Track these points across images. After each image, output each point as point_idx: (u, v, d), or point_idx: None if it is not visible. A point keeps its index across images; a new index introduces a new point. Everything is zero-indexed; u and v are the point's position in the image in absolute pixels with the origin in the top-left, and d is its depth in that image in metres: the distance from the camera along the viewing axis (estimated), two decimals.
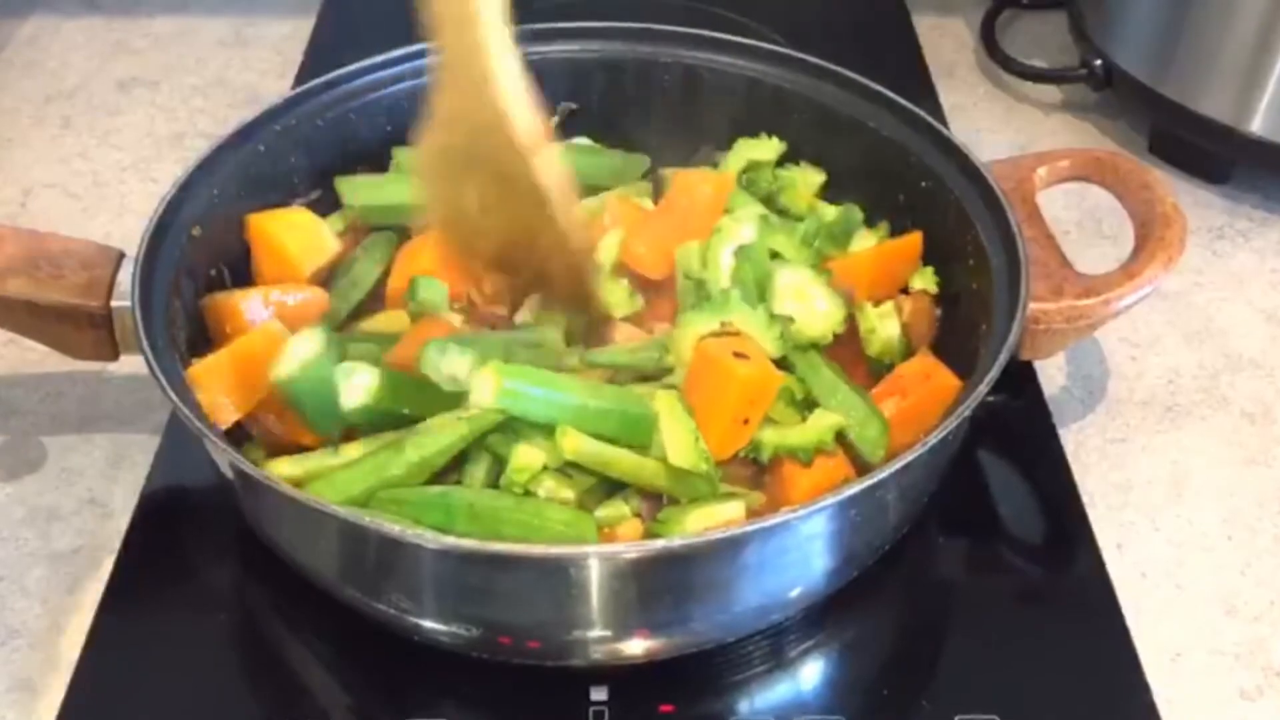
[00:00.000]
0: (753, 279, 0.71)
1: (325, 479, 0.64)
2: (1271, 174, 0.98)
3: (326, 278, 0.78)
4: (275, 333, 0.69)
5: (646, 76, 0.86)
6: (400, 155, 0.83)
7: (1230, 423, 0.81)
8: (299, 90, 0.81)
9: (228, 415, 0.67)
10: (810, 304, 0.71)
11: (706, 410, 0.64)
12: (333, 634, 0.69)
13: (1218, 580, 0.72)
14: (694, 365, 0.66)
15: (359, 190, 0.80)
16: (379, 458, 0.65)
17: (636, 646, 0.64)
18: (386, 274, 0.78)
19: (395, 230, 0.80)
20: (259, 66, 1.12)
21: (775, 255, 0.74)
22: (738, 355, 0.64)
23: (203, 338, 0.73)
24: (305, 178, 0.81)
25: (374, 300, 0.77)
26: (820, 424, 0.65)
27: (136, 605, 0.69)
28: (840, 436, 0.66)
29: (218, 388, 0.67)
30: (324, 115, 0.81)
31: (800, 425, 0.66)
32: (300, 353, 0.65)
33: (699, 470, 0.63)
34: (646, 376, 0.70)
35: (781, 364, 0.68)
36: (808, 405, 0.68)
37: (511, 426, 0.65)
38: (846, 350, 0.71)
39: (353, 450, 0.66)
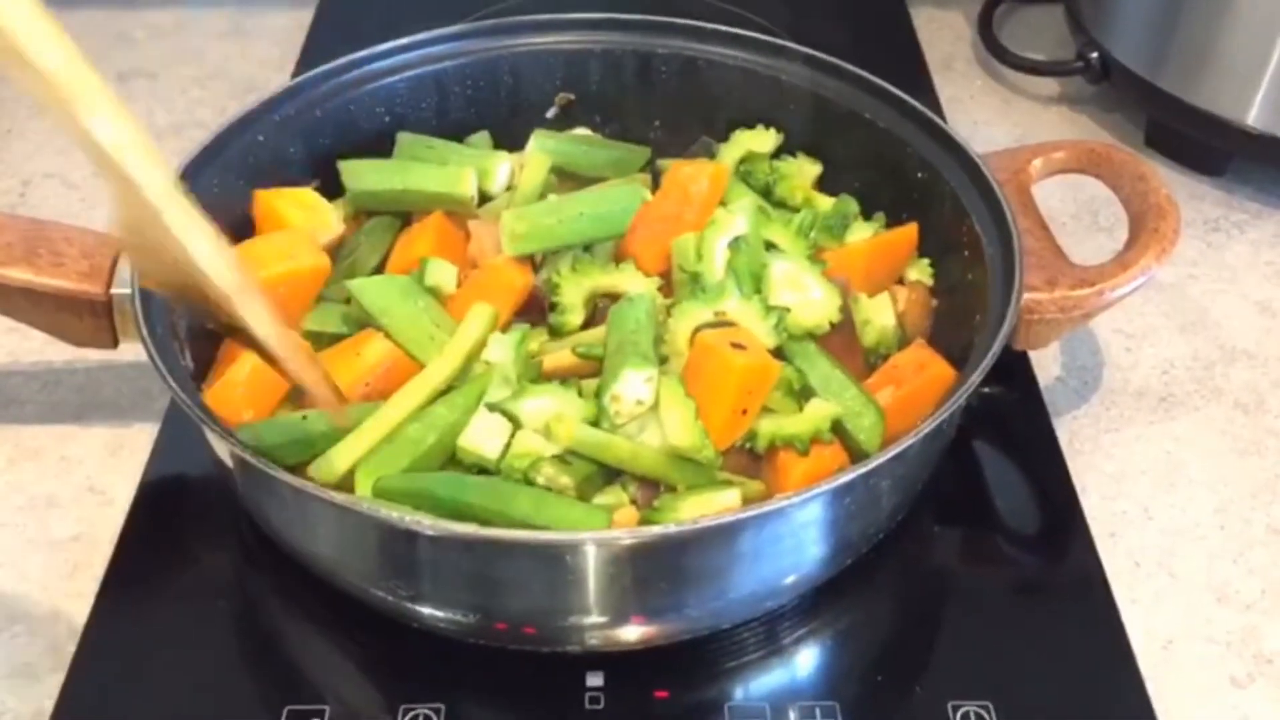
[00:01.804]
0: (748, 270, 0.71)
1: (367, 462, 0.65)
2: (1267, 166, 0.99)
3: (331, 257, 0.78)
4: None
5: (644, 67, 0.86)
6: (403, 139, 0.83)
7: (1224, 413, 0.82)
8: (297, 80, 0.82)
9: (244, 419, 0.68)
10: (805, 294, 0.71)
11: (705, 401, 0.64)
12: (330, 620, 0.69)
13: (1210, 569, 0.72)
14: (692, 356, 0.66)
15: (361, 174, 0.80)
16: (410, 430, 0.66)
17: (632, 633, 0.64)
18: (386, 259, 0.78)
19: (394, 216, 0.81)
20: (258, 58, 1.13)
21: (771, 246, 0.74)
22: (735, 346, 0.64)
23: (202, 325, 0.73)
24: (304, 167, 0.81)
25: None
26: (817, 413, 0.66)
27: (136, 592, 0.69)
28: (836, 426, 0.66)
29: (236, 407, 0.68)
30: (322, 105, 0.82)
31: (797, 415, 0.66)
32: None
33: (700, 451, 0.63)
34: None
35: (778, 354, 0.68)
36: (804, 395, 0.68)
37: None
38: (842, 340, 0.71)
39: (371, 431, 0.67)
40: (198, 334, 0.72)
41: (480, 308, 0.70)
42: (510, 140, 0.85)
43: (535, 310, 0.74)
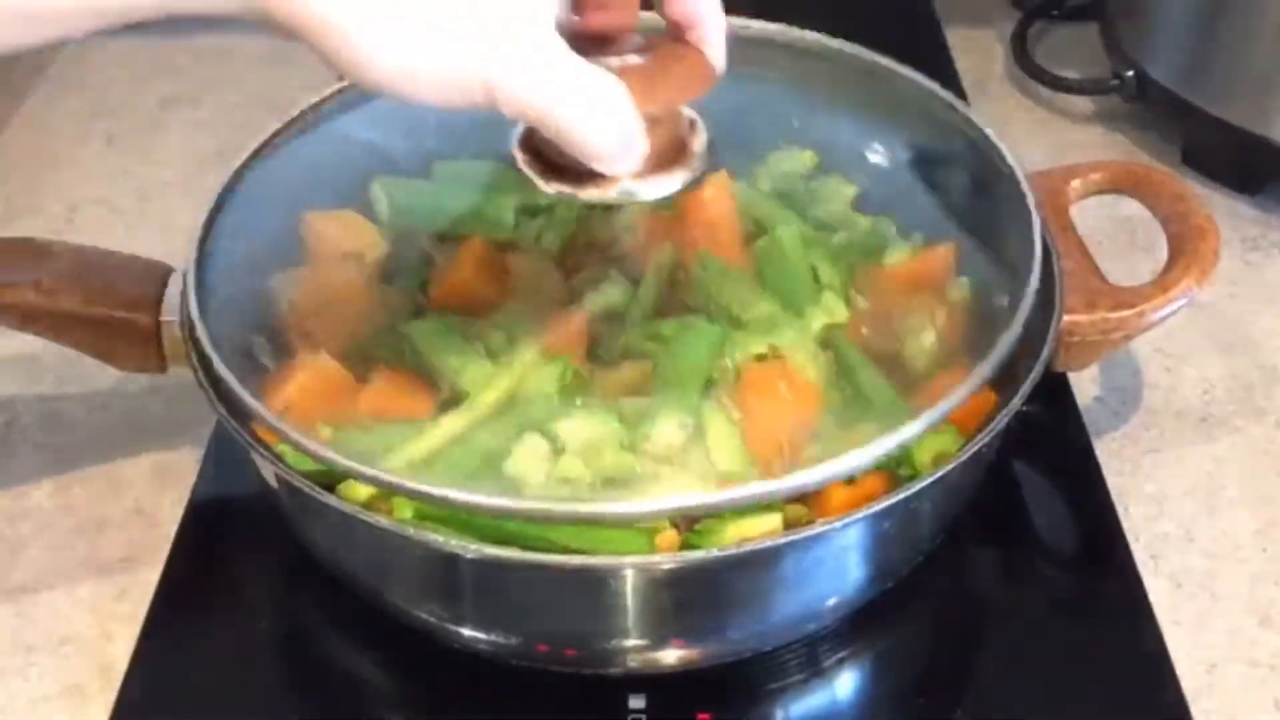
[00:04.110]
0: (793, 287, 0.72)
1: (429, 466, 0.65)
2: None
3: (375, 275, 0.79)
4: (325, 367, 0.71)
5: None
6: (441, 168, 0.84)
7: (1265, 434, 0.81)
8: (335, 104, 0.82)
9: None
10: None
11: (748, 434, 0.64)
12: (374, 641, 0.70)
13: (1253, 591, 0.72)
14: (738, 387, 0.67)
15: (399, 191, 0.81)
16: (452, 455, 0.65)
17: (673, 655, 0.65)
18: (426, 282, 0.79)
19: (435, 239, 0.81)
20: (298, 83, 1.13)
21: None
22: (782, 380, 0.65)
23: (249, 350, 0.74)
24: (345, 191, 0.82)
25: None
26: (863, 440, 0.66)
27: (184, 613, 0.71)
28: None
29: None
30: (361, 130, 0.83)
31: (843, 443, 0.66)
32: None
33: (744, 477, 0.63)
34: None
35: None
36: (852, 419, 0.68)
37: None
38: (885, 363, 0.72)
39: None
40: (246, 358, 0.73)
41: (528, 345, 0.70)
42: None
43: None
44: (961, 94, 1.10)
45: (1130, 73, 1.03)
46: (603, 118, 0.55)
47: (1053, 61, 1.11)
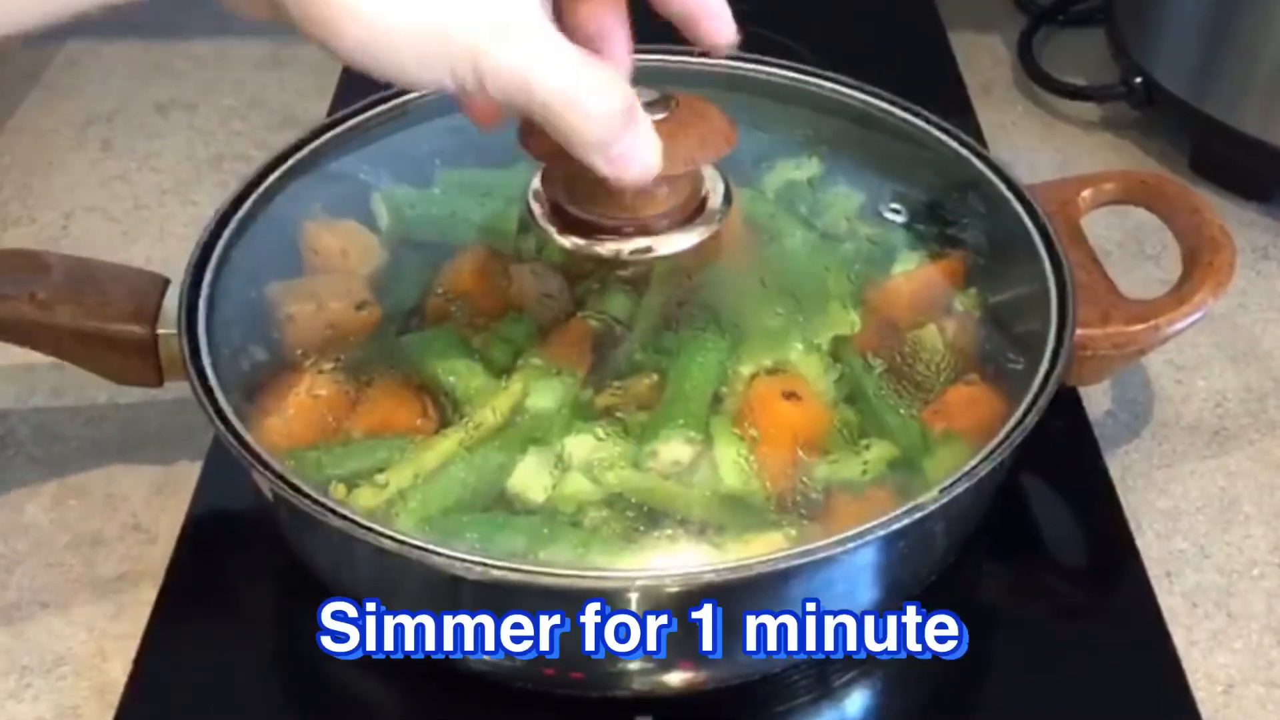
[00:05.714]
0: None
1: (408, 503, 0.64)
2: None
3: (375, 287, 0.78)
4: (324, 380, 0.70)
5: None
6: (444, 176, 0.83)
7: (1279, 447, 0.80)
8: (338, 116, 0.82)
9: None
10: None
11: (756, 448, 0.63)
12: (375, 660, 0.68)
13: (1270, 610, 0.71)
14: (745, 400, 0.66)
15: (400, 201, 0.80)
16: (453, 472, 0.65)
17: (680, 678, 0.63)
18: (426, 292, 0.78)
19: (434, 249, 0.80)
20: (296, 88, 1.13)
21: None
22: (788, 395, 0.64)
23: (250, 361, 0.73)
24: (346, 202, 0.81)
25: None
26: (874, 456, 0.65)
27: (182, 631, 0.69)
28: (894, 467, 0.65)
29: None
30: (363, 141, 0.82)
31: (853, 458, 0.65)
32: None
33: (752, 493, 0.62)
34: None
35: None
36: (862, 435, 0.67)
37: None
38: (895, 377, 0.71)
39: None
40: (244, 372, 0.72)
41: (533, 358, 0.69)
42: None
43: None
44: (966, 100, 1.09)
45: (1138, 79, 1.02)
46: (597, 96, 0.51)
47: (1059, 67, 1.10)
